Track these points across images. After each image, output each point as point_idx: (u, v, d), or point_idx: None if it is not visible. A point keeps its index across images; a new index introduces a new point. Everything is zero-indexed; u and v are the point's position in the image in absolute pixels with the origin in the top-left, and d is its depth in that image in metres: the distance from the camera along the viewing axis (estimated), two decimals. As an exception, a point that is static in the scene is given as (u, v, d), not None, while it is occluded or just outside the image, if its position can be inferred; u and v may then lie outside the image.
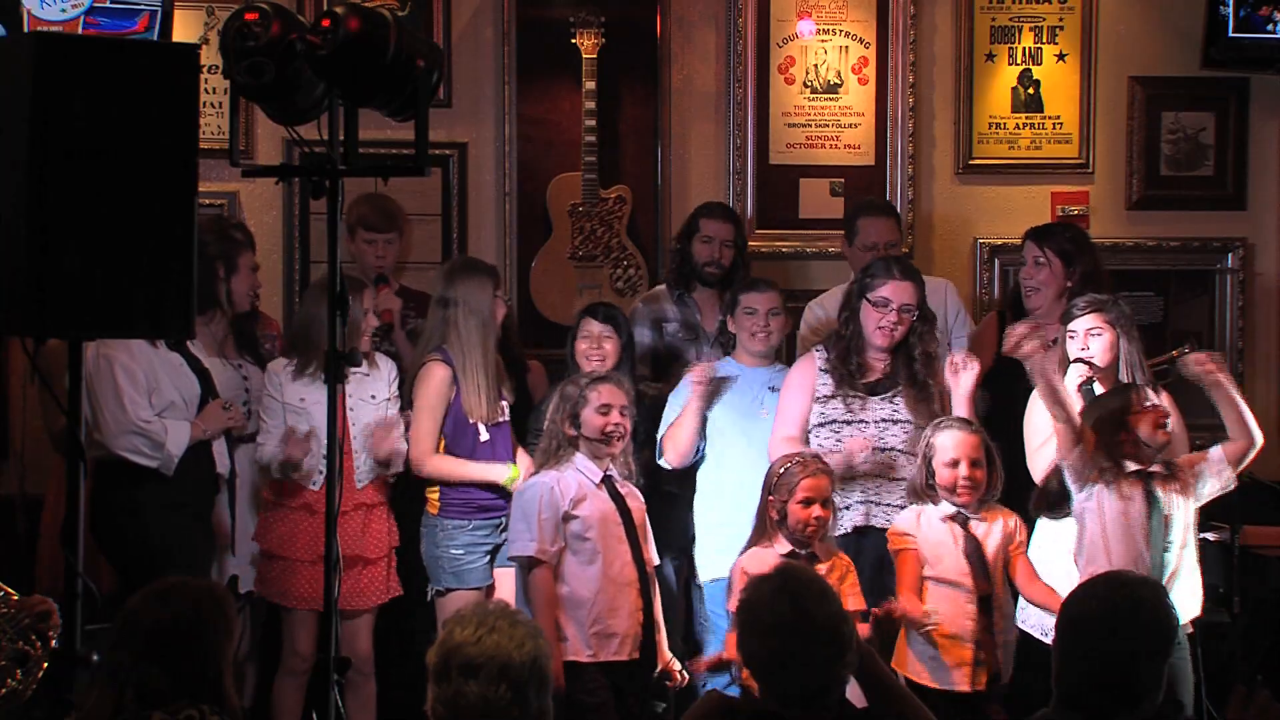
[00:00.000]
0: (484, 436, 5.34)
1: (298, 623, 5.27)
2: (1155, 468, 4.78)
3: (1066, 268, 5.65)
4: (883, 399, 5.21)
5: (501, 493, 5.35)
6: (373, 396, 5.36)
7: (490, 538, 5.35)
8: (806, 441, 5.22)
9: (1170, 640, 3.38)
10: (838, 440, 5.17)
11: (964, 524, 4.86)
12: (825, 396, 5.25)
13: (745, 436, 5.39)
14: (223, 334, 5.50)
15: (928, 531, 4.86)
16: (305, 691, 5.28)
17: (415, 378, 5.38)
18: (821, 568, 4.73)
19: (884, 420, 5.19)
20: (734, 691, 4.57)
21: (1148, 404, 4.77)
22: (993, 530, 4.89)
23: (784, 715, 3.37)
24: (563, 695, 4.57)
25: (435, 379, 5.32)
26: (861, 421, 5.18)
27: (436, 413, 5.32)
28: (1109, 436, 4.76)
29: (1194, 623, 4.91)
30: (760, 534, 4.88)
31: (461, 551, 5.34)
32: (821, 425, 5.24)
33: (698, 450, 5.46)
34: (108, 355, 5.04)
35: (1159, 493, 4.75)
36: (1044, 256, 5.67)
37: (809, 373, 5.29)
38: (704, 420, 5.39)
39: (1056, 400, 4.77)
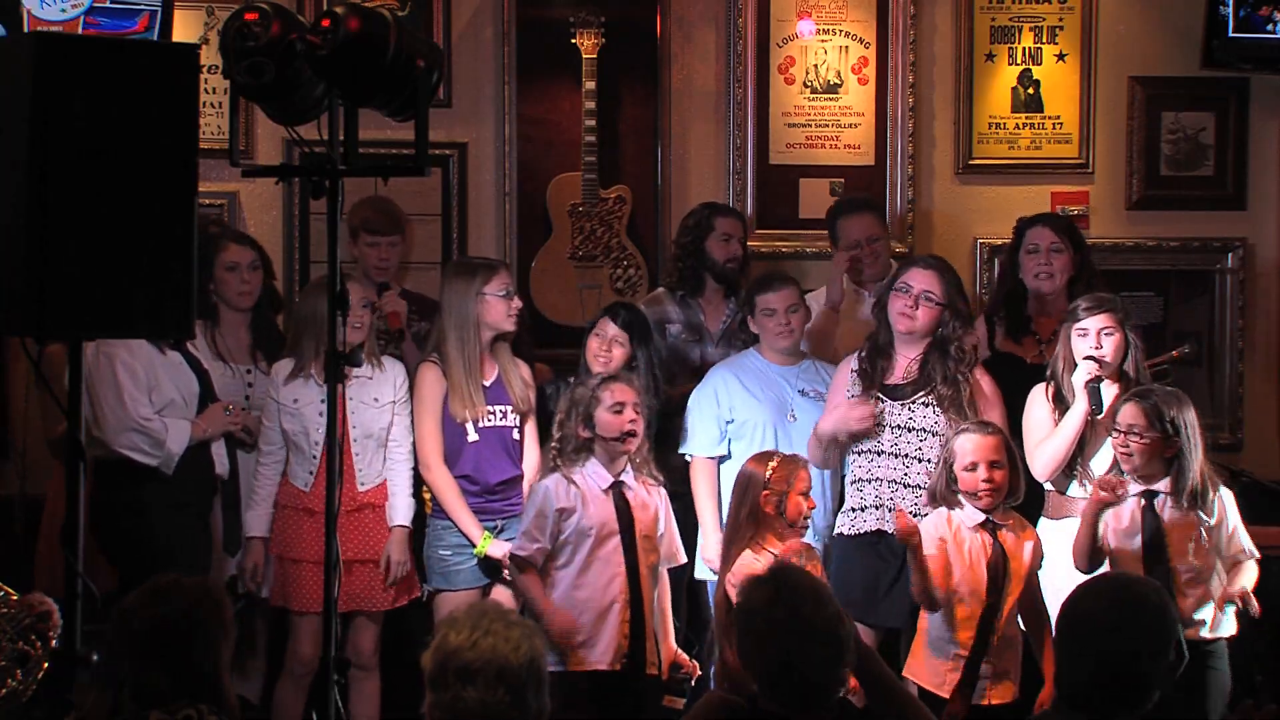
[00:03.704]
0: (472, 437, 5.34)
1: (302, 625, 5.27)
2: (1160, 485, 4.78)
3: (1074, 253, 5.61)
4: (902, 404, 5.14)
5: (495, 496, 5.36)
6: (375, 399, 5.34)
7: (480, 541, 5.37)
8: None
9: (1171, 640, 3.37)
10: (854, 441, 5.16)
11: (993, 532, 4.80)
12: (852, 398, 5.19)
13: (774, 439, 5.36)
14: (232, 338, 5.50)
15: (956, 538, 4.79)
16: (307, 694, 5.27)
17: (413, 381, 5.41)
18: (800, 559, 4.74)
19: (899, 427, 5.13)
20: None
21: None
22: (1024, 546, 4.82)
23: (784, 716, 3.38)
24: None
25: (428, 381, 5.36)
26: (879, 425, 5.13)
27: (436, 413, 5.33)
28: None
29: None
30: (743, 540, 4.82)
31: (449, 553, 5.33)
32: None
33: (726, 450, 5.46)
34: (108, 352, 5.04)
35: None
36: (1061, 243, 5.60)
37: (843, 376, 5.27)
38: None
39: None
